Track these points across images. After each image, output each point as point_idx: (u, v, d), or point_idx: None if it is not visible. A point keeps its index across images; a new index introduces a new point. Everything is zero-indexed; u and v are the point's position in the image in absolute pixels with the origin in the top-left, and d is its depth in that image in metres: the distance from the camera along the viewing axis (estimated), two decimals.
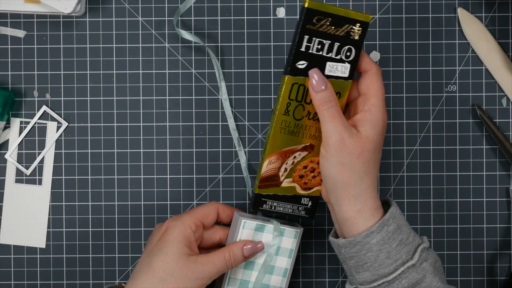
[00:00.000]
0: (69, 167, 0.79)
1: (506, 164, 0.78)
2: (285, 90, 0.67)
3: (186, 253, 0.66)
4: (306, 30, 0.65)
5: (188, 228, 0.68)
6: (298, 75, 0.66)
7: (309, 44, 0.66)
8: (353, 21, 0.66)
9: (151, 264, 0.66)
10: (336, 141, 0.64)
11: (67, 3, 0.74)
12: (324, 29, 0.65)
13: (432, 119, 0.78)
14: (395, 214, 0.65)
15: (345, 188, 0.65)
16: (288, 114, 0.68)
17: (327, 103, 0.65)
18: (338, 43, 0.66)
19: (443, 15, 0.78)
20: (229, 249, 0.68)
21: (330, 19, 0.65)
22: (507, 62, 0.77)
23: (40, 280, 0.78)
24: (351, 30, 0.66)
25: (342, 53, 0.66)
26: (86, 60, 0.78)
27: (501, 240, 0.79)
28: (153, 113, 0.78)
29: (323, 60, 0.66)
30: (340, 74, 0.67)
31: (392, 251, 0.64)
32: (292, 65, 0.66)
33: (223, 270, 0.67)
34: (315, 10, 0.65)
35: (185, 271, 0.66)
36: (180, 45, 0.78)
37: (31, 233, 0.78)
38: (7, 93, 0.76)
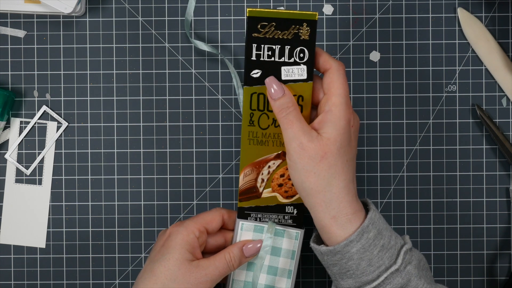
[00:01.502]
0: (69, 167, 0.79)
1: (506, 164, 0.78)
2: (245, 101, 0.66)
3: (188, 259, 0.66)
4: (252, 38, 0.64)
5: (191, 234, 0.67)
6: (255, 85, 0.65)
7: (259, 52, 0.64)
8: (299, 22, 0.63)
9: (153, 270, 0.66)
10: (296, 147, 0.62)
11: (67, 3, 0.74)
12: (270, 34, 0.64)
13: (432, 119, 0.78)
14: (374, 219, 0.63)
15: (315, 195, 0.63)
16: (253, 125, 0.66)
17: (285, 110, 0.63)
18: (289, 46, 0.64)
19: (443, 15, 0.78)
20: (229, 251, 0.68)
21: (274, 23, 0.63)
22: (507, 62, 0.77)
23: (40, 280, 0.78)
24: (299, 31, 0.64)
25: (295, 56, 0.64)
26: (86, 60, 0.78)
27: (501, 240, 0.79)
28: (153, 113, 0.78)
29: (277, 65, 0.64)
30: (298, 77, 0.65)
31: (374, 258, 0.63)
32: (246, 75, 0.65)
33: (226, 272, 0.67)
34: (257, 17, 0.63)
35: (188, 276, 0.66)
36: (180, 45, 0.78)
37: (31, 233, 0.78)
38: (7, 93, 0.76)
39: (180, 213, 0.79)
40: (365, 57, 0.78)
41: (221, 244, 0.71)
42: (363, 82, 0.78)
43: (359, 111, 0.78)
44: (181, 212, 0.79)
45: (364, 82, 0.78)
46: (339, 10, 0.78)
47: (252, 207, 0.69)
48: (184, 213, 0.79)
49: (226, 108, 0.78)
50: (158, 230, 0.79)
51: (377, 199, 0.78)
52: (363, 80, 0.78)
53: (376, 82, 0.78)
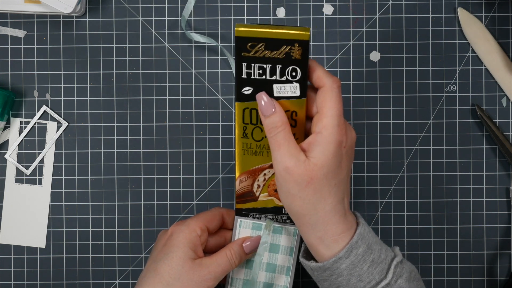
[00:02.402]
0: (69, 167, 0.79)
1: (506, 164, 0.78)
2: (237, 115, 0.65)
3: (191, 257, 0.66)
4: (242, 57, 0.61)
5: (193, 232, 0.67)
6: (247, 101, 0.63)
7: (249, 70, 0.61)
8: (290, 42, 0.60)
9: (156, 269, 0.66)
10: (282, 170, 0.60)
11: (67, 3, 0.74)
12: (261, 53, 0.61)
13: (432, 119, 0.78)
14: (363, 234, 0.63)
15: (301, 217, 0.62)
16: (247, 137, 0.66)
17: (274, 130, 0.61)
18: (280, 65, 0.61)
19: (443, 15, 0.78)
20: (229, 248, 0.68)
21: (264, 43, 0.60)
22: (507, 62, 0.77)
23: (40, 280, 0.78)
24: (290, 50, 0.60)
25: (288, 74, 0.61)
26: (86, 60, 0.78)
27: (501, 240, 0.79)
28: (153, 113, 0.78)
29: (268, 83, 0.62)
30: (291, 94, 0.62)
31: (364, 273, 0.62)
32: (238, 92, 0.63)
33: (228, 269, 0.67)
34: (245, 37, 0.60)
35: (191, 274, 0.66)
36: (180, 45, 0.78)
37: (31, 233, 0.78)
38: (7, 93, 0.76)
39: (180, 213, 0.79)
40: (365, 57, 0.78)
41: (221, 243, 0.71)
42: (363, 82, 0.78)
43: (359, 111, 0.78)
44: (181, 212, 0.79)
45: (364, 82, 0.78)
46: (339, 10, 0.78)
47: (250, 209, 0.69)
48: (184, 213, 0.79)
49: (226, 108, 0.78)
50: (158, 230, 0.79)
51: (377, 199, 0.78)
52: (363, 80, 0.78)
53: (376, 82, 0.78)
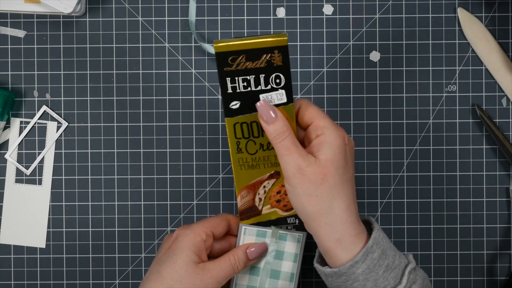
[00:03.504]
0: (69, 167, 0.79)
1: (506, 164, 0.78)
2: (229, 131, 0.65)
3: (195, 261, 0.66)
4: (225, 73, 0.62)
5: (198, 237, 0.67)
6: (236, 115, 0.64)
7: (234, 84, 0.62)
8: (270, 50, 0.61)
9: (160, 271, 0.66)
10: (295, 172, 0.61)
11: (67, 3, 0.74)
12: (242, 66, 0.62)
13: (432, 119, 0.78)
14: (378, 239, 0.63)
15: (318, 218, 0.62)
16: (242, 152, 0.66)
17: (280, 136, 0.62)
18: (263, 74, 0.62)
19: (443, 15, 0.78)
20: (233, 253, 0.68)
21: (245, 55, 0.61)
22: (507, 62, 0.77)
23: (40, 280, 0.78)
24: (271, 58, 0.62)
25: (272, 82, 0.63)
26: (86, 60, 0.79)
27: (501, 240, 0.79)
28: (153, 113, 0.78)
29: (255, 94, 0.63)
30: (278, 101, 0.63)
31: (379, 278, 0.62)
32: (226, 108, 0.63)
33: (230, 274, 0.67)
34: (225, 52, 0.61)
35: (194, 278, 0.66)
36: (180, 45, 0.78)
37: (31, 233, 0.78)
38: (7, 93, 0.76)
39: (180, 213, 0.79)
40: (365, 57, 0.78)
41: (226, 248, 0.71)
42: (363, 82, 0.78)
43: (359, 111, 0.78)
44: (181, 212, 0.79)
45: (364, 82, 0.78)
46: (339, 10, 0.78)
47: (254, 224, 0.70)
48: (184, 213, 0.79)
49: None
50: (158, 230, 0.79)
51: (377, 199, 0.78)
52: (363, 80, 0.78)
53: (376, 82, 0.78)
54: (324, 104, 0.78)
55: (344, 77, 0.78)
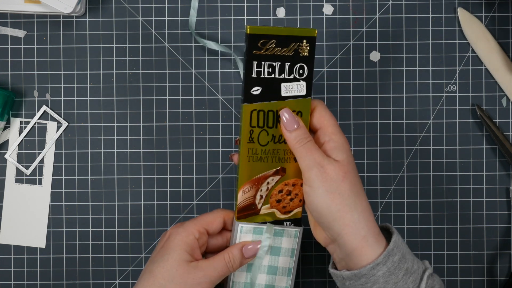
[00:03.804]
0: (69, 167, 0.79)
1: (506, 164, 0.78)
2: (244, 118, 0.66)
3: (186, 260, 0.66)
4: (253, 56, 0.64)
5: (191, 235, 0.67)
6: (255, 102, 0.66)
7: (259, 69, 0.65)
8: (299, 38, 0.64)
9: (152, 271, 0.66)
10: (318, 171, 0.63)
11: (67, 3, 0.74)
12: (271, 51, 0.64)
13: (432, 119, 0.78)
14: (398, 243, 0.64)
15: (342, 216, 0.63)
16: (253, 142, 0.67)
17: (301, 141, 0.64)
18: (289, 63, 0.65)
19: (443, 15, 0.78)
20: (228, 252, 0.68)
21: (275, 40, 0.64)
22: (507, 62, 0.77)
23: (40, 280, 0.79)
24: (298, 47, 0.65)
25: (295, 72, 0.65)
26: (86, 60, 0.79)
27: (501, 240, 0.79)
28: (153, 113, 0.78)
29: (277, 82, 0.65)
30: (297, 93, 0.66)
31: (399, 281, 0.63)
32: (246, 93, 0.65)
33: (224, 273, 0.67)
34: (258, 34, 0.64)
35: (185, 277, 0.65)
36: (180, 45, 0.78)
37: (31, 233, 0.78)
38: (7, 93, 0.76)
39: (180, 213, 0.79)
40: (365, 57, 0.78)
41: (223, 244, 0.71)
42: (363, 82, 0.78)
43: (359, 111, 0.78)
44: (181, 212, 0.79)
45: (364, 82, 0.78)
46: (339, 10, 0.78)
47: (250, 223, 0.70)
48: (184, 213, 0.79)
49: (226, 108, 0.78)
50: (158, 230, 0.79)
51: (377, 199, 0.78)
52: (363, 80, 0.78)
53: (376, 82, 0.78)
54: None
55: (344, 77, 0.78)
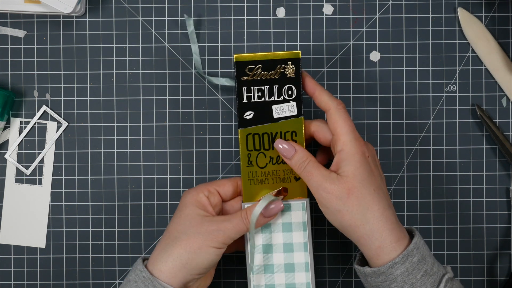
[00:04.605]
0: (69, 167, 0.79)
1: (506, 164, 0.78)
2: (241, 143, 0.69)
3: (199, 214, 0.67)
4: (242, 82, 0.68)
5: (200, 193, 0.68)
6: (249, 126, 0.69)
7: (249, 94, 0.68)
8: (284, 61, 0.68)
9: (168, 229, 0.68)
10: (322, 193, 0.65)
11: (67, 3, 0.74)
12: (258, 76, 0.68)
13: (432, 119, 0.78)
14: (419, 245, 0.65)
15: (355, 230, 0.65)
16: (252, 165, 0.69)
17: (302, 165, 0.66)
18: (277, 85, 0.68)
19: (443, 15, 0.78)
20: (246, 210, 0.68)
21: (261, 65, 0.68)
22: (507, 62, 0.77)
23: (40, 280, 0.78)
24: (284, 69, 0.68)
25: (284, 93, 0.69)
26: (86, 60, 0.79)
27: (501, 240, 0.79)
28: (153, 113, 0.78)
29: (268, 105, 0.69)
30: (289, 113, 0.69)
31: (417, 282, 0.64)
32: (240, 118, 0.69)
33: (239, 228, 0.67)
34: (244, 61, 0.68)
35: (199, 228, 0.66)
36: (180, 45, 0.78)
37: (31, 233, 0.78)
38: (7, 93, 0.76)
39: None
40: (365, 57, 0.78)
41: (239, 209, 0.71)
42: (363, 82, 0.78)
43: (359, 111, 0.78)
44: None
45: (364, 82, 0.78)
46: (339, 10, 0.78)
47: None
48: None
49: (226, 108, 0.78)
50: (158, 230, 0.79)
51: None
52: (363, 80, 0.78)
53: (376, 82, 0.78)
54: None
55: (344, 77, 0.78)
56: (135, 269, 0.67)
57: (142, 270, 0.66)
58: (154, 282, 0.65)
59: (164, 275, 0.66)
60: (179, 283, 0.66)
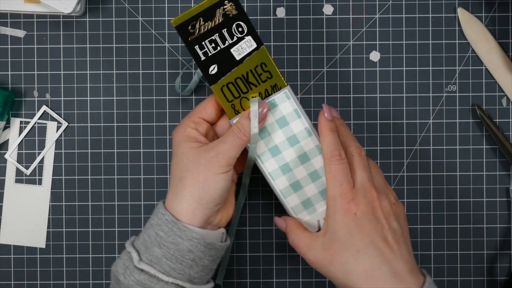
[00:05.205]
0: (69, 167, 0.79)
1: (506, 164, 0.78)
2: (220, 98, 0.68)
3: (194, 147, 0.66)
4: (191, 42, 0.66)
5: (187, 127, 0.67)
6: (219, 79, 0.67)
7: (204, 49, 0.66)
8: (221, 3, 0.65)
9: (171, 174, 0.67)
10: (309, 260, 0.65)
11: (67, 3, 0.74)
12: (204, 29, 0.66)
13: (432, 119, 0.78)
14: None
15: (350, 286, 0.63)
16: (239, 112, 0.68)
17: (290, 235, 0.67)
18: (225, 29, 0.66)
19: (443, 15, 0.78)
20: (236, 124, 0.67)
21: (201, 17, 0.66)
22: (507, 62, 0.77)
23: (40, 280, 0.78)
24: (225, 11, 0.66)
25: (236, 33, 0.66)
26: (86, 60, 0.79)
27: (501, 240, 0.79)
28: (153, 113, 0.78)
29: (226, 51, 0.66)
30: (250, 49, 0.67)
31: None
32: (207, 76, 0.67)
33: (237, 144, 0.66)
34: (183, 22, 0.65)
35: (198, 160, 0.65)
36: (180, 45, 0.78)
37: (31, 233, 0.78)
38: (7, 93, 0.76)
39: None
40: (365, 57, 0.78)
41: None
42: (363, 82, 0.78)
43: (359, 111, 0.78)
44: None
45: (364, 82, 0.78)
46: (339, 10, 0.78)
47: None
48: None
49: None
50: None
51: None
52: (363, 80, 0.78)
53: (376, 82, 0.78)
54: None
55: (344, 77, 0.78)
56: (156, 212, 0.66)
57: (164, 213, 0.65)
58: (178, 224, 0.64)
59: (183, 217, 0.65)
60: (200, 221, 0.65)
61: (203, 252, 0.65)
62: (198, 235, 0.64)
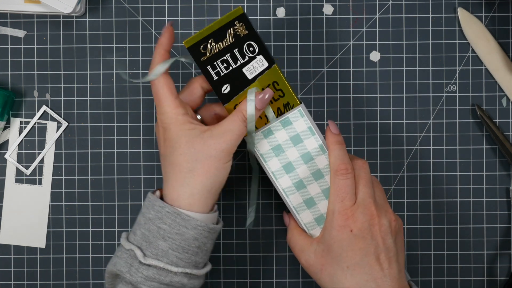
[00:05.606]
0: (69, 167, 0.79)
1: (506, 164, 0.78)
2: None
3: (197, 135, 0.65)
4: (203, 62, 0.66)
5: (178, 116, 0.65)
6: (232, 98, 0.67)
7: (216, 69, 0.67)
8: (231, 24, 0.66)
9: (173, 162, 0.66)
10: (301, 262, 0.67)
11: (67, 3, 0.74)
12: (215, 49, 0.66)
13: (432, 119, 0.78)
14: None
15: None
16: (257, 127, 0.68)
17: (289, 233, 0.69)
18: (236, 49, 0.66)
19: (443, 15, 0.78)
20: (238, 108, 0.67)
21: (212, 38, 0.66)
22: (507, 62, 0.77)
23: (40, 280, 0.79)
24: (235, 31, 0.66)
25: (247, 53, 0.67)
26: (86, 60, 0.79)
27: (501, 240, 0.79)
28: (153, 113, 0.78)
29: (238, 70, 0.67)
30: (261, 68, 0.67)
31: None
32: (220, 95, 0.67)
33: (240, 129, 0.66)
34: (195, 43, 0.66)
35: (206, 150, 0.65)
36: (180, 45, 0.78)
37: (31, 233, 0.78)
38: (7, 93, 0.76)
39: None
40: (365, 57, 0.78)
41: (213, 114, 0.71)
42: (363, 82, 0.78)
43: (359, 111, 0.78)
44: None
45: (364, 82, 0.78)
46: (339, 10, 0.78)
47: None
48: None
49: None
50: None
51: None
52: (363, 80, 0.78)
53: (376, 82, 0.78)
54: (324, 104, 0.78)
55: (344, 77, 0.78)
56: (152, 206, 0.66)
57: (163, 206, 0.65)
58: (181, 215, 0.64)
59: (195, 207, 0.65)
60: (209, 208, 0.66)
61: (207, 238, 0.66)
62: (202, 223, 0.65)
